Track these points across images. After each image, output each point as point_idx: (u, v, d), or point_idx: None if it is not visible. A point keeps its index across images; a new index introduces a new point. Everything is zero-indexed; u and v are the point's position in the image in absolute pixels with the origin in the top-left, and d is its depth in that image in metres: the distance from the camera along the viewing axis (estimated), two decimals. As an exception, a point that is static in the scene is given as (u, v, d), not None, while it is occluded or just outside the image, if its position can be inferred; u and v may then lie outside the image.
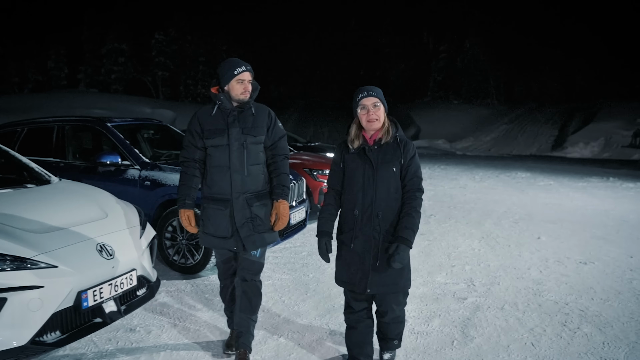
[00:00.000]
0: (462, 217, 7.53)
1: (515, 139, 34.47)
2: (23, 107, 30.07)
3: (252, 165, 2.80)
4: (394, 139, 2.60)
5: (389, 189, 2.56)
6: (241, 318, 2.88)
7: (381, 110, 2.58)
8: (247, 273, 2.88)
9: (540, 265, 4.94)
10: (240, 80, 2.75)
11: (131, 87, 50.65)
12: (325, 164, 7.35)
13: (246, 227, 2.78)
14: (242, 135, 2.77)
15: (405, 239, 2.48)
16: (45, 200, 3.26)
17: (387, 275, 2.56)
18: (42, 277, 2.55)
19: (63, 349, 2.95)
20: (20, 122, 5.68)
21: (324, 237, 2.70)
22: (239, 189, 2.77)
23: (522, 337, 3.26)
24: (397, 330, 2.81)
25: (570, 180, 13.00)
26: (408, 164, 2.58)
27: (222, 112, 2.79)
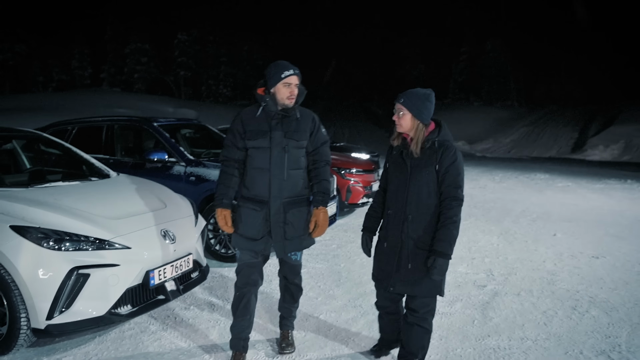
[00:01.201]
0: (481, 215, 7.85)
1: (535, 141, 34.38)
2: (48, 106, 30.52)
3: (292, 169, 2.78)
4: (431, 144, 2.57)
5: (420, 193, 2.56)
6: (285, 307, 3.10)
7: (404, 118, 2.60)
8: (290, 275, 3.00)
9: (554, 259, 5.28)
10: (287, 83, 2.72)
11: (153, 86, 51.55)
12: (352, 163, 7.75)
13: (278, 231, 2.77)
14: (285, 139, 2.74)
15: (441, 252, 2.48)
16: (110, 192, 3.71)
17: (413, 279, 2.59)
18: (119, 256, 3.00)
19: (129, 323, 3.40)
20: (71, 121, 6.18)
21: (366, 232, 2.88)
22: (277, 192, 2.74)
23: (535, 318, 3.63)
24: (421, 343, 2.74)
25: (588, 182, 13.16)
26: (445, 171, 2.53)
27: (267, 114, 2.77)
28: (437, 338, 3.25)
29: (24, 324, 2.79)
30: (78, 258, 2.83)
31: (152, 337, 3.23)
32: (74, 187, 3.59)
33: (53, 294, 2.75)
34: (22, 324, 2.79)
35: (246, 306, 2.85)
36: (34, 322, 2.78)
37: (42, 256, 2.77)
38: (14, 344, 2.83)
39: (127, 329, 3.33)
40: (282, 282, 3.06)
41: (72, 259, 2.81)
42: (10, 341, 2.83)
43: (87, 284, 2.85)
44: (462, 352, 3.09)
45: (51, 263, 2.77)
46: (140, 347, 3.07)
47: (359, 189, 7.58)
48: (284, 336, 3.12)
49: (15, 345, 2.84)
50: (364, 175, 7.78)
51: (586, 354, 3.09)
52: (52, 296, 2.75)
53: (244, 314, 2.86)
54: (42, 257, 2.77)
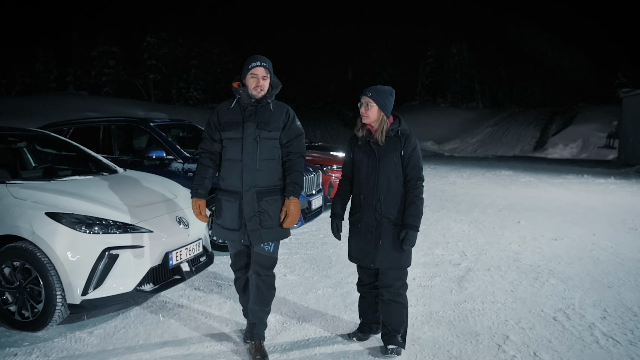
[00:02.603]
0: (453, 207, 8.45)
1: (499, 141, 35.68)
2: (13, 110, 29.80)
3: (265, 160, 2.83)
4: (395, 133, 2.87)
5: (389, 177, 2.85)
6: (254, 310, 2.95)
7: (372, 110, 2.85)
8: (260, 268, 2.91)
9: (519, 241, 5.88)
10: (253, 74, 2.78)
11: (122, 90, 50.87)
12: (333, 160, 8.23)
13: (253, 221, 2.81)
14: (257, 129, 2.80)
15: (412, 225, 2.80)
16: (124, 184, 4.06)
17: (389, 252, 2.86)
18: (143, 239, 3.38)
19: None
20: (67, 122, 6.44)
21: (335, 218, 3.06)
22: (249, 182, 2.80)
23: (504, 287, 4.18)
24: (400, 318, 2.94)
25: (549, 177, 14.05)
26: (409, 156, 2.85)
27: (241, 106, 2.85)
28: (422, 305, 3.75)
29: (60, 300, 3.13)
30: (108, 240, 3.20)
31: (171, 312, 3.61)
32: (91, 181, 3.93)
33: (87, 273, 3.11)
34: (57, 301, 3.13)
35: (244, 286, 3.06)
36: (70, 298, 3.13)
37: (77, 239, 3.13)
38: (49, 319, 3.17)
39: (147, 306, 3.70)
40: (253, 280, 2.94)
41: (104, 241, 3.18)
42: (45, 317, 3.16)
43: (117, 264, 3.22)
44: (444, 314, 3.59)
45: (85, 245, 3.13)
46: (162, 320, 3.45)
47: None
48: (257, 348, 2.92)
49: (50, 321, 3.18)
50: (343, 171, 8.27)
51: (546, 311, 3.65)
52: (87, 274, 3.11)
53: (243, 291, 3.09)
54: (78, 240, 3.13)
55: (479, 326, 3.38)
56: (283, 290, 4.07)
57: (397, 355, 2.91)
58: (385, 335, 2.99)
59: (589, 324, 3.43)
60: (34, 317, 3.19)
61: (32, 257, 3.12)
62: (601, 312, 3.67)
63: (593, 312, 3.65)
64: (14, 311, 3.24)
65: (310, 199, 6.12)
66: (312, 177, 6.41)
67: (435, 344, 3.09)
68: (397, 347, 2.93)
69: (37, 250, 3.11)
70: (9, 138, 4.53)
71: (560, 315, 3.57)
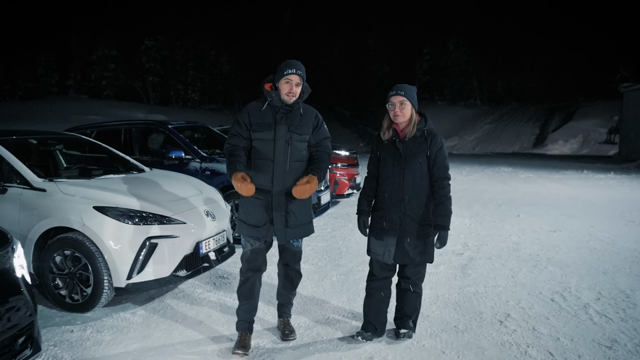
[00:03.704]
0: (454, 203, 8.64)
1: (498, 138, 36.01)
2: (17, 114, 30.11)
3: (295, 161, 2.94)
4: (421, 133, 2.91)
5: (415, 177, 2.89)
6: (283, 293, 3.24)
7: (407, 108, 2.89)
8: (291, 261, 3.16)
9: (519, 233, 6.24)
10: (287, 80, 2.89)
11: (122, 93, 51.17)
12: (337, 158, 8.58)
13: (279, 219, 2.93)
14: (288, 132, 2.91)
15: (443, 225, 2.89)
16: (154, 181, 4.42)
17: (412, 250, 2.94)
18: (178, 230, 3.74)
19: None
20: (90, 126, 6.79)
21: (362, 215, 3.11)
22: (279, 182, 2.90)
23: (504, 273, 4.54)
24: (414, 306, 3.11)
25: (548, 173, 14.42)
26: (435, 155, 2.89)
27: (272, 109, 2.94)
28: (428, 289, 4.10)
29: (107, 284, 3.49)
30: (148, 230, 3.56)
31: (201, 296, 3.97)
32: (125, 179, 4.28)
33: (131, 259, 3.48)
34: (105, 285, 3.49)
35: (251, 290, 3.05)
36: (116, 282, 3.49)
37: (122, 230, 3.49)
38: (97, 302, 3.53)
39: (179, 290, 4.07)
40: (282, 270, 3.20)
41: (145, 231, 3.54)
42: (94, 299, 3.53)
43: (156, 251, 3.58)
44: (449, 296, 3.96)
45: (129, 235, 3.49)
46: (195, 303, 3.81)
47: (345, 181, 8.44)
48: (285, 323, 3.25)
49: (97, 303, 3.54)
50: (348, 169, 8.65)
51: (545, 293, 4.01)
52: (131, 261, 3.47)
53: (248, 297, 3.05)
54: (122, 230, 3.49)
55: (482, 306, 3.74)
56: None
57: (409, 339, 3.11)
58: (398, 319, 3.16)
59: (584, 304, 3.78)
60: (83, 299, 3.55)
61: (81, 246, 3.48)
62: (596, 294, 4.02)
63: (588, 294, 4.01)
64: (65, 295, 3.60)
65: (320, 195, 6.47)
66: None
67: (443, 321, 3.45)
68: (409, 331, 3.11)
69: (87, 240, 3.47)
70: (48, 141, 4.89)
71: (557, 297, 3.93)
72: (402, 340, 3.12)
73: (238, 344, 2.99)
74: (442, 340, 3.15)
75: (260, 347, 3.07)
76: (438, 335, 3.23)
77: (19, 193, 3.75)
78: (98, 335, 3.24)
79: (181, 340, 3.15)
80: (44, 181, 3.77)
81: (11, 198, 3.75)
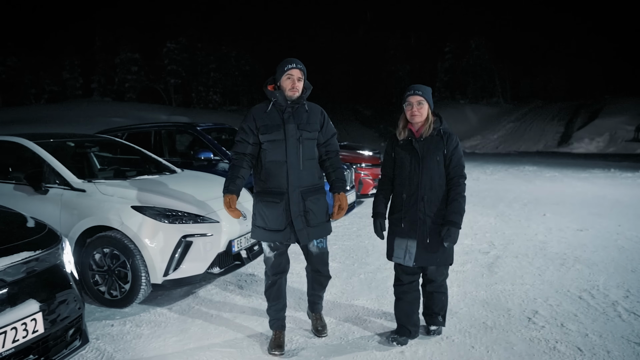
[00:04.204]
0: (478, 202, 8.80)
1: (522, 136, 35.53)
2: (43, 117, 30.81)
3: (307, 160, 2.93)
4: (437, 132, 2.94)
5: (432, 176, 2.90)
6: (314, 294, 3.26)
7: (424, 108, 2.91)
8: (319, 264, 3.12)
9: (545, 232, 6.23)
10: (289, 75, 2.87)
11: (144, 95, 52.04)
12: (361, 159, 8.66)
13: (300, 220, 2.89)
14: (298, 130, 2.88)
15: (454, 222, 2.87)
16: (187, 182, 4.56)
17: (432, 251, 2.93)
18: (211, 228, 3.86)
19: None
20: (121, 128, 7.01)
21: (378, 217, 3.10)
22: (295, 182, 2.87)
23: (531, 272, 4.56)
24: (441, 304, 3.14)
25: (574, 172, 14.23)
26: (451, 154, 2.91)
27: (277, 109, 2.92)
28: (456, 286, 4.15)
29: (144, 281, 3.64)
30: (184, 229, 3.69)
31: (233, 292, 4.10)
32: (158, 179, 4.43)
33: (168, 257, 3.61)
34: (142, 281, 3.63)
35: (278, 291, 3.08)
36: (153, 279, 3.63)
37: (159, 228, 3.63)
38: (135, 297, 3.68)
39: (212, 287, 4.20)
40: (310, 274, 3.19)
41: (180, 229, 3.68)
42: (132, 295, 3.68)
43: (191, 249, 3.71)
44: (477, 294, 4.00)
45: (166, 233, 3.63)
46: (228, 299, 3.93)
47: (369, 181, 8.51)
48: (317, 318, 3.30)
49: (135, 299, 3.69)
50: (372, 169, 8.71)
51: (572, 291, 4.02)
52: (167, 258, 3.61)
53: (277, 298, 3.08)
54: (159, 229, 3.63)
55: (510, 303, 3.77)
56: (329, 275, 4.52)
57: (439, 335, 3.17)
58: (427, 316, 3.21)
59: (612, 302, 3.79)
60: (122, 295, 3.70)
61: (120, 244, 3.64)
62: (624, 292, 4.01)
63: (616, 292, 4.00)
64: (104, 291, 3.76)
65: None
66: (345, 174, 6.85)
67: (472, 317, 3.51)
68: (439, 328, 3.19)
69: (125, 238, 3.63)
70: (85, 144, 5.08)
71: (585, 295, 3.94)
72: (432, 336, 3.18)
73: (273, 343, 3.04)
74: (471, 335, 3.21)
75: (293, 342, 3.17)
76: (467, 331, 3.28)
77: (60, 194, 3.93)
78: (137, 329, 3.38)
79: (217, 335, 3.27)
80: (83, 182, 3.95)
81: (52, 198, 3.93)
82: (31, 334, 2.18)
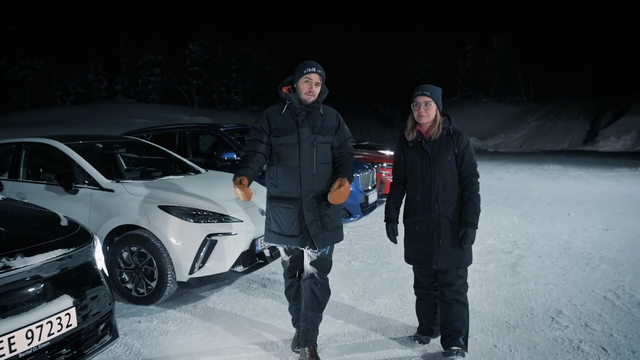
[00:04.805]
0: (501, 202, 8.72)
1: (546, 135, 34.94)
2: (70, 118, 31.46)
3: (321, 164, 2.85)
4: (447, 132, 2.89)
5: (445, 176, 2.85)
6: (309, 316, 2.91)
7: (432, 109, 2.86)
8: (319, 271, 2.90)
9: (569, 232, 6.15)
10: (307, 79, 2.81)
11: (167, 96, 52.81)
12: (382, 158, 8.66)
13: (315, 225, 2.81)
14: (312, 134, 2.82)
15: (471, 222, 2.82)
16: (211, 182, 4.66)
17: (450, 252, 2.86)
18: (235, 228, 3.93)
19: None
20: (146, 130, 7.16)
21: (390, 222, 3.06)
22: (308, 187, 2.80)
23: (555, 271, 4.52)
24: (462, 318, 2.90)
25: (600, 171, 13.95)
26: (462, 153, 2.86)
27: (292, 112, 2.86)
28: (478, 286, 4.15)
29: (170, 278, 3.73)
30: (209, 228, 3.78)
31: (257, 290, 4.17)
32: (185, 180, 4.53)
33: (193, 255, 3.70)
34: (168, 279, 3.73)
35: (297, 293, 3.03)
36: (179, 276, 3.72)
37: (185, 227, 3.72)
38: (161, 295, 3.78)
39: (236, 285, 4.29)
40: (308, 285, 2.92)
41: (205, 228, 3.76)
42: (158, 293, 3.77)
43: (216, 248, 3.79)
44: (500, 293, 3.99)
45: (191, 232, 3.72)
46: (252, 297, 4.01)
47: (391, 180, 8.50)
48: (312, 353, 2.88)
49: (161, 296, 3.79)
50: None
51: (597, 291, 3.98)
52: (193, 256, 3.70)
53: (296, 298, 3.05)
54: (185, 228, 3.72)
55: (533, 303, 3.76)
56: (350, 275, 4.57)
57: (461, 357, 2.84)
58: (447, 337, 2.93)
59: (638, 302, 3.74)
60: (148, 292, 3.80)
61: (147, 243, 3.74)
62: (650, 292, 3.97)
63: (642, 293, 3.96)
64: (131, 288, 3.86)
65: (367, 194, 6.59)
66: (367, 174, 6.88)
67: (494, 317, 3.50)
68: (460, 349, 2.86)
69: (152, 237, 3.73)
70: (113, 145, 5.22)
71: (610, 295, 3.90)
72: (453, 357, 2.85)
73: (296, 341, 3.05)
74: (493, 334, 3.21)
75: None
76: (489, 330, 3.29)
77: (89, 193, 4.06)
78: (164, 325, 3.47)
79: (241, 332, 3.34)
80: (111, 182, 4.07)
81: (82, 198, 4.06)
82: (65, 327, 2.27)
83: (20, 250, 2.21)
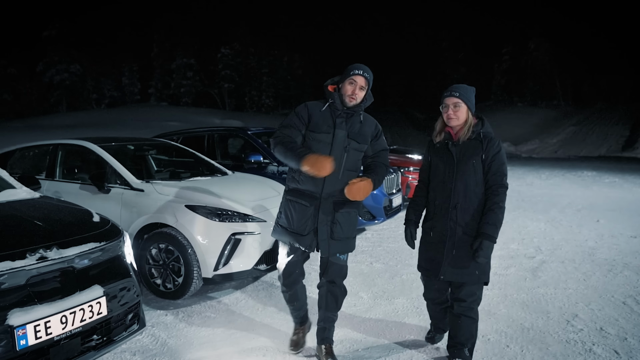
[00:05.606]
0: (529, 207, 8.63)
1: (583, 141, 34.07)
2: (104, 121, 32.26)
3: (348, 170, 2.79)
4: (476, 136, 2.69)
5: (468, 183, 2.66)
6: (327, 316, 2.94)
7: (461, 110, 2.69)
8: (337, 277, 2.90)
9: (596, 238, 6.08)
10: (352, 81, 2.74)
11: (199, 99, 53.83)
12: (409, 162, 8.70)
13: (324, 229, 2.77)
14: (347, 139, 2.77)
15: (488, 234, 2.57)
16: (237, 183, 4.83)
17: (461, 265, 2.67)
18: (259, 227, 4.09)
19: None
20: (176, 132, 7.43)
21: (409, 225, 2.96)
22: (329, 190, 2.74)
23: (576, 277, 4.51)
24: (469, 333, 2.79)
25: (636, 178, 13.60)
26: (491, 160, 2.64)
27: (332, 111, 2.79)
28: (497, 289, 4.18)
29: (196, 275, 3.91)
30: (233, 227, 3.94)
31: (278, 289, 4.26)
32: (211, 181, 4.72)
33: (218, 252, 3.87)
34: (194, 275, 3.91)
35: (292, 297, 3.02)
36: (204, 273, 3.90)
37: (210, 226, 3.89)
38: (187, 290, 3.96)
39: (259, 283, 4.44)
40: (325, 287, 2.93)
41: (230, 227, 3.93)
42: (184, 288, 3.95)
43: (240, 246, 3.95)
44: (518, 296, 4.02)
45: (216, 231, 3.89)
46: (273, 295, 4.15)
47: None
48: (328, 351, 2.93)
49: (187, 292, 3.97)
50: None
51: (617, 297, 3.97)
52: (218, 254, 3.87)
53: (292, 302, 3.06)
54: (210, 227, 3.89)
55: (550, 306, 3.78)
56: (371, 275, 4.66)
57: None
58: (452, 348, 2.86)
59: (659, 310, 3.72)
60: (175, 288, 3.99)
61: (174, 240, 3.93)
62: (674, 300, 3.92)
63: (665, 300, 3.92)
64: (159, 283, 4.06)
65: (391, 198, 6.65)
66: (392, 177, 6.94)
67: (510, 318, 3.54)
68: None
69: (179, 235, 3.92)
70: (144, 147, 5.48)
71: (629, 301, 3.88)
72: None
73: (290, 341, 3.11)
74: (507, 335, 3.26)
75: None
76: (503, 331, 3.33)
77: (121, 193, 4.28)
78: (189, 319, 3.65)
79: (262, 327, 3.49)
80: (142, 182, 4.28)
81: (114, 197, 4.29)
82: (96, 315, 2.45)
83: (55, 243, 2.42)
